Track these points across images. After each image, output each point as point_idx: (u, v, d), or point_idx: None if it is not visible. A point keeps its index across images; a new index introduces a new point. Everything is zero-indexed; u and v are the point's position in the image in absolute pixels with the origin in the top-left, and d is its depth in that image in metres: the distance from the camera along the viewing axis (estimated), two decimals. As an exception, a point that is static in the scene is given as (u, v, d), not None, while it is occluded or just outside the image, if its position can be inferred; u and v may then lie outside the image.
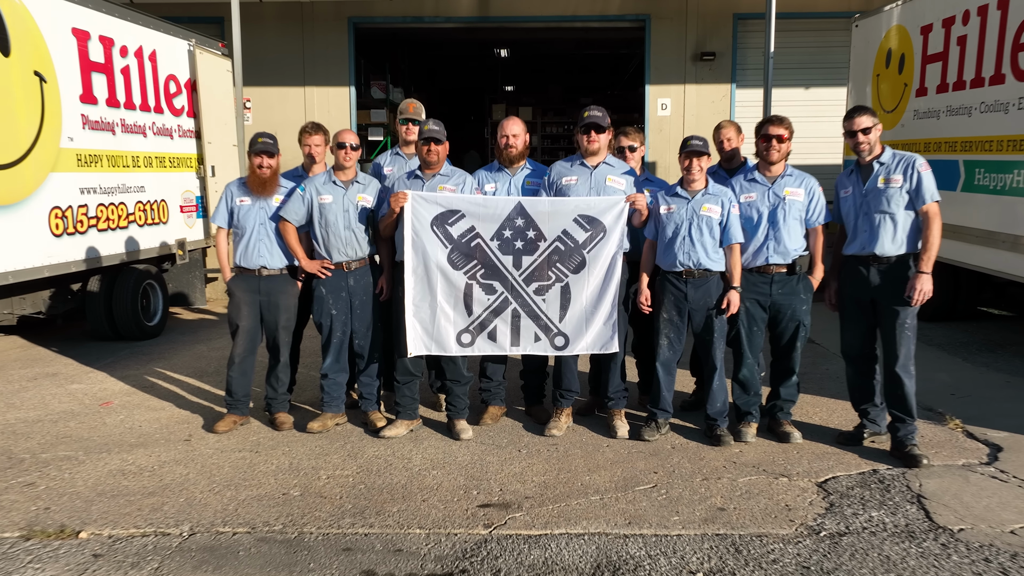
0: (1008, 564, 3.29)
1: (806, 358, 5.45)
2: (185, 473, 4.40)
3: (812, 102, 13.77)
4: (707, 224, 4.60)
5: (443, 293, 4.77)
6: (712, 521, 3.75)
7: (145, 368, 6.85)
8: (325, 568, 3.37)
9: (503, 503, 3.97)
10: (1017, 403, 5.49)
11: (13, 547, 3.57)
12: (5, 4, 6.25)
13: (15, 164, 6.30)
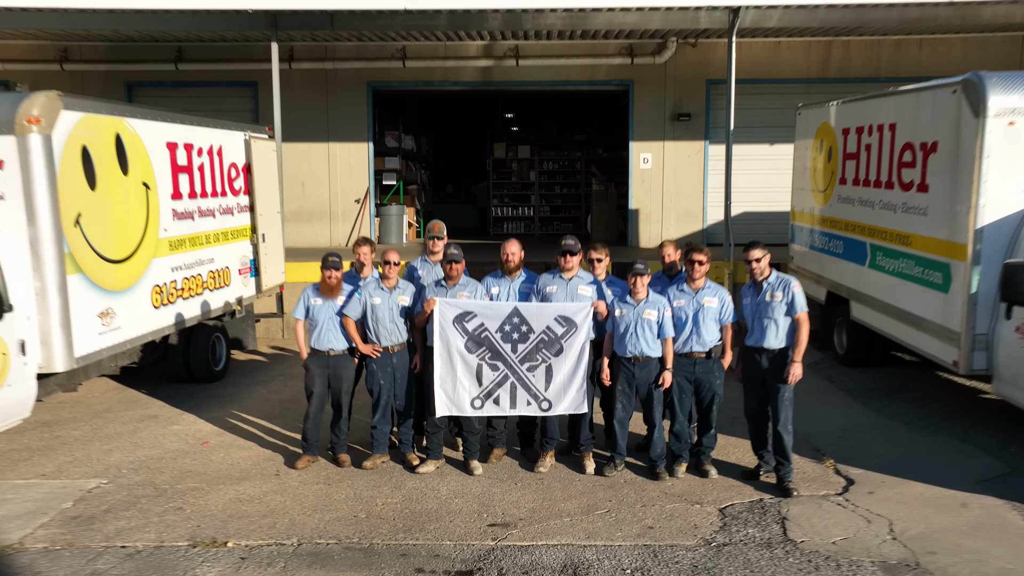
0: (821, 563, 5.21)
1: (732, 413, 7.37)
2: (283, 501, 6.32)
3: (775, 156, 15.70)
4: (648, 325, 6.51)
5: (461, 370, 6.69)
6: (643, 536, 5.67)
7: (224, 411, 8.77)
8: (391, 567, 5.29)
9: (504, 523, 5.90)
10: (884, 444, 7.41)
11: (187, 553, 5.49)
12: (125, 134, 8.18)
13: (129, 258, 8.23)
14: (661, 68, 16.07)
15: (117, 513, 6.09)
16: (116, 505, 6.24)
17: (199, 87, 16.53)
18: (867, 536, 5.58)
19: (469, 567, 5.26)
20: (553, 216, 22.96)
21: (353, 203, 16.77)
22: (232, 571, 5.23)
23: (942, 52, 15.63)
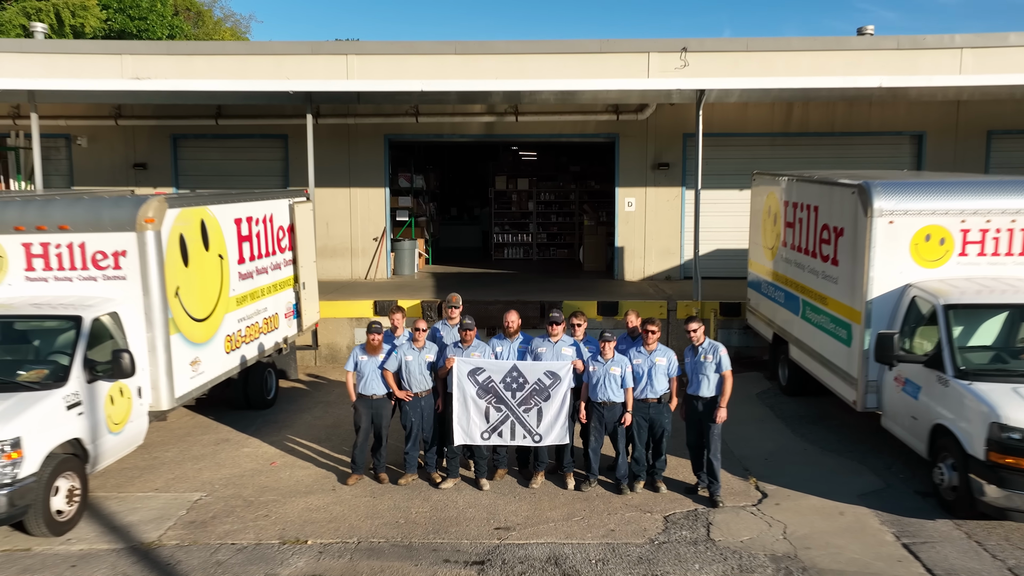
0: (729, 555, 7.41)
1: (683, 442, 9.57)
2: (341, 510, 8.52)
3: (745, 200, 17.77)
4: (613, 378, 8.70)
5: (473, 411, 8.88)
6: (607, 536, 7.86)
7: (280, 435, 10.97)
8: (425, 559, 7.47)
9: (506, 527, 8.09)
10: (798, 465, 9.61)
11: (279, 548, 7.68)
12: (206, 218, 10.37)
13: (209, 316, 10.42)
14: (643, 123, 18.28)
15: (221, 519, 8.29)
16: (219, 513, 8.44)
17: (236, 139, 18.77)
18: (766, 536, 7.78)
19: (481, 559, 7.46)
20: (550, 243, 25.21)
21: (371, 240, 18.98)
22: (314, 561, 7.42)
23: (889, 111, 17.82)
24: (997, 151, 18.23)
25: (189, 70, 18.12)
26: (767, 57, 17.97)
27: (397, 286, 17.85)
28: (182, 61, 18.28)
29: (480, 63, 17.94)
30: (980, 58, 17.82)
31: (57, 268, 9.19)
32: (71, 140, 18.70)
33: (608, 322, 14.84)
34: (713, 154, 17.77)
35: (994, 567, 7.05)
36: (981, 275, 9.19)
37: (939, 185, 9.54)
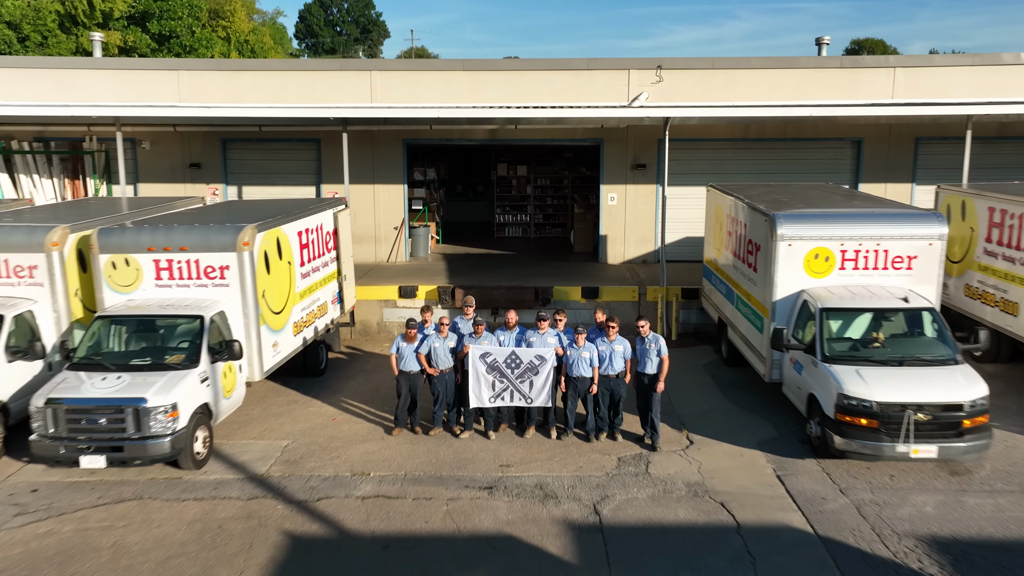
0: (648, 483, 10.91)
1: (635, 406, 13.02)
2: (390, 453, 12.01)
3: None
4: (584, 360, 12.11)
5: (483, 383, 12.31)
6: (577, 471, 11.36)
7: (335, 398, 14.44)
8: (452, 485, 10.96)
9: (507, 464, 11.59)
10: (721, 421, 13.08)
11: (351, 479, 11.18)
12: (280, 235, 13.68)
13: (283, 310, 13.81)
14: (624, 131, 21.45)
15: (306, 459, 11.79)
16: (303, 455, 11.94)
17: (276, 142, 21.96)
18: (686, 471, 11.28)
19: (490, 485, 10.96)
20: (545, 222, 28.54)
21: (392, 229, 22.30)
22: (377, 487, 10.92)
23: (831, 122, 20.94)
24: (924, 155, 21.43)
25: (236, 84, 21.27)
26: (731, 74, 21.12)
27: (415, 269, 21.23)
28: (230, 77, 21.42)
29: (485, 78, 21.09)
30: (910, 76, 20.95)
31: (179, 278, 12.55)
32: (136, 144, 21.89)
33: (590, 304, 18.25)
34: (683, 156, 20.99)
35: (831, 489, 10.55)
36: (854, 283, 12.55)
37: (825, 216, 12.84)
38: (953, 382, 10.83)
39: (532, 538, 9.48)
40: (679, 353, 16.76)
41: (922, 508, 9.99)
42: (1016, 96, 20.56)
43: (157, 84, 21.39)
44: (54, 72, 21.47)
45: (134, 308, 12.21)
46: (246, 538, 9.52)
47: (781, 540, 9.38)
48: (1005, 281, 14.63)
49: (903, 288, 12.33)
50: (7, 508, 10.27)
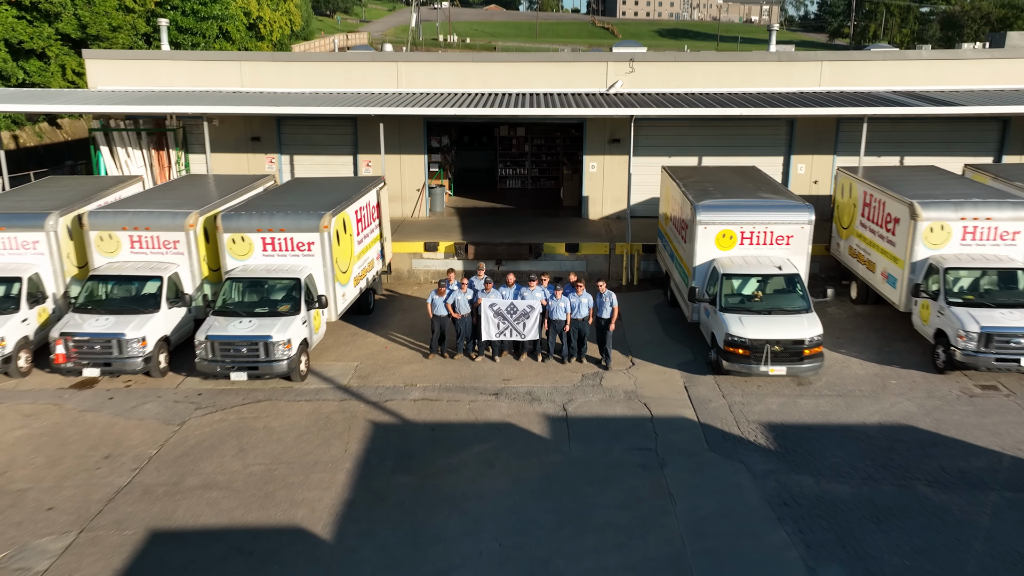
0: (606, 390, 16.64)
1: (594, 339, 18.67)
2: (428, 371, 17.73)
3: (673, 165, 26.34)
4: (560, 308, 17.69)
5: (491, 323, 17.93)
6: (555, 383, 17.07)
7: (384, 331, 20.12)
8: (472, 391, 16.70)
9: (507, 379, 17.32)
10: (657, 349, 18.74)
11: (405, 387, 16.91)
12: (345, 216, 19.09)
13: (347, 270, 19.35)
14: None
15: (372, 375, 17.53)
16: (370, 372, 17.67)
17: (321, 120, 27.01)
18: (626, 383, 17.00)
19: (496, 392, 16.69)
20: (540, 175, 33.79)
21: (415, 190, 27.61)
22: (422, 393, 16.67)
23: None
24: (844, 131, 26.45)
25: (287, 74, 26.25)
26: (689, 66, 26.09)
27: (434, 225, 26.64)
28: (282, 67, 26.39)
29: (490, 68, 26.05)
30: (835, 68, 25.89)
31: (279, 250, 18.01)
32: (208, 120, 26.96)
33: (572, 256, 23.74)
34: (650, 132, 26.10)
35: (717, 394, 16.28)
36: (753, 255, 18.00)
37: (731, 207, 18.16)
38: (800, 325, 16.43)
39: (523, 424, 15.25)
40: (637, 296, 22.42)
41: (769, 406, 15.74)
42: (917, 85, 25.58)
43: (223, 72, 26.37)
44: (141, 63, 26.42)
45: (251, 272, 17.74)
46: (344, 424, 15.29)
47: (676, 425, 15.14)
48: (869, 246, 20.11)
49: (782, 258, 17.80)
50: (188, 405, 16.04)
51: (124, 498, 12.84)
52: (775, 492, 12.79)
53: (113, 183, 21.93)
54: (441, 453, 14.19)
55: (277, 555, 11.44)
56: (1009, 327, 15.90)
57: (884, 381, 16.75)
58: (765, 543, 11.57)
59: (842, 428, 14.80)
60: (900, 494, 12.64)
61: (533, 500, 12.69)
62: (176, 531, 12.01)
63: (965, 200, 17.91)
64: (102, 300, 17.55)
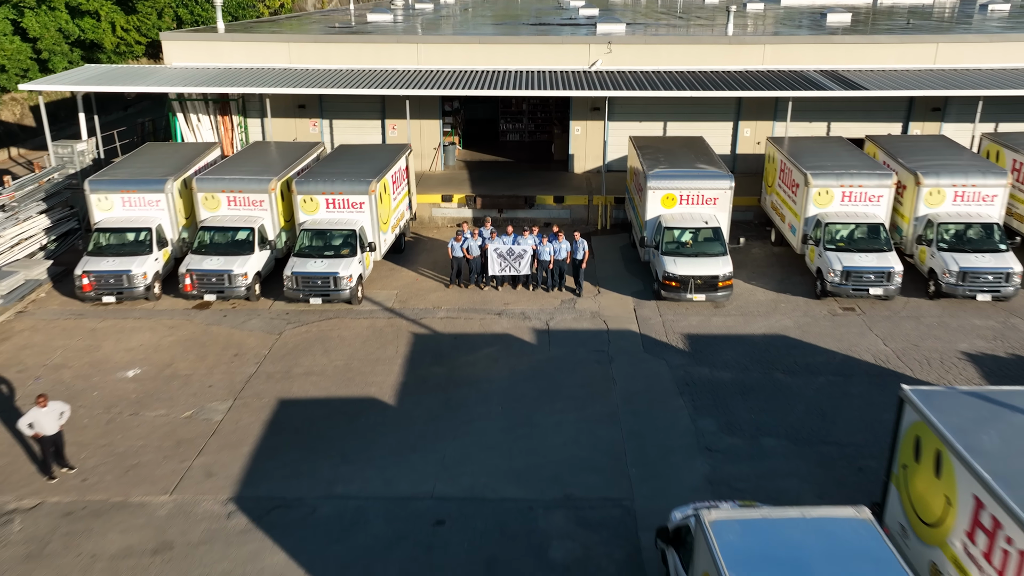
0: (579, 311, 23.28)
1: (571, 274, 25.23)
2: (449, 297, 24.32)
3: (641, 129, 32.46)
4: (547, 251, 24.17)
5: (495, 263, 24.43)
6: (541, 306, 23.67)
7: (414, 267, 26.68)
8: (481, 312, 23.32)
9: (506, 303, 23.91)
10: (618, 280, 25.30)
11: (434, 309, 23.51)
12: (384, 181, 25.41)
13: (387, 220, 25.78)
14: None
15: (409, 300, 24.14)
16: (407, 297, 24.29)
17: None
18: (592, 306, 23.61)
19: (499, 312, 23.30)
20: (536, 130, 39.83)
21: (432, 148, 33.76)
22: (446, 312, 23.29)
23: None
24: (780, 103, 32.37)
25: (326, 52, 32.09)
26: (657, 48, 31.88)
27: (448, 178, 32.87)
28: (322, 47, 32.21)
29: (494, 48, 31.86)
30: (775, 50, 31.71)
31: (338, 208, 24.35)
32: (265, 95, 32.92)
33: (558, 206, 30.07)
34: (624, 103, 32.06)
35: (656, 314, 22.91)
36: (688, 212, 24.34)
37: (673, 174, 24.35)
38: (716, 265, 22.90)
39: (518, 334, 21.90)
40: (608, 238, 28.86)
41: (690, 322, 22.36)
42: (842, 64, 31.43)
43: (274, 51, 32.21)
44: (207, 44, 32.25)
45: (321, 223, 24.13)
46: (393, 334, 21.95)
47: (624, 335, 21.80)
48: (782, 202, 26.46)
49: (709, 215, 24.15)
50: (281, 321, 22.68)
51: (255, 380, 19.59)
52: (681, 378, 19.52)
53: (201, 149, 28.14)
54: (461, 353, 20.88)
55: (362, 414, 18.22)
56: (862, 266, 22.40)
57: (776, 305, 23.37)
58: (669, 406, 18.34)
59: (737, 337, 21.47)
60: (761, 378, 19.38)
61: (523, 382, 19.43)
62: (294, 400, 18.80)
63: (845, 172, 24.15)
64: (211, 244, 24.00)
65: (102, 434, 17.38)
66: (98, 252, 23.70)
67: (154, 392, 19.08)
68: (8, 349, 21.16)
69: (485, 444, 16.98)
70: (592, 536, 14.28)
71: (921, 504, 11.71)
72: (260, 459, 16.50)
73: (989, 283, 22.34)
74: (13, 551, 13.95)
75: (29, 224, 26.39)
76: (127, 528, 14.51)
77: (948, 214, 23.51)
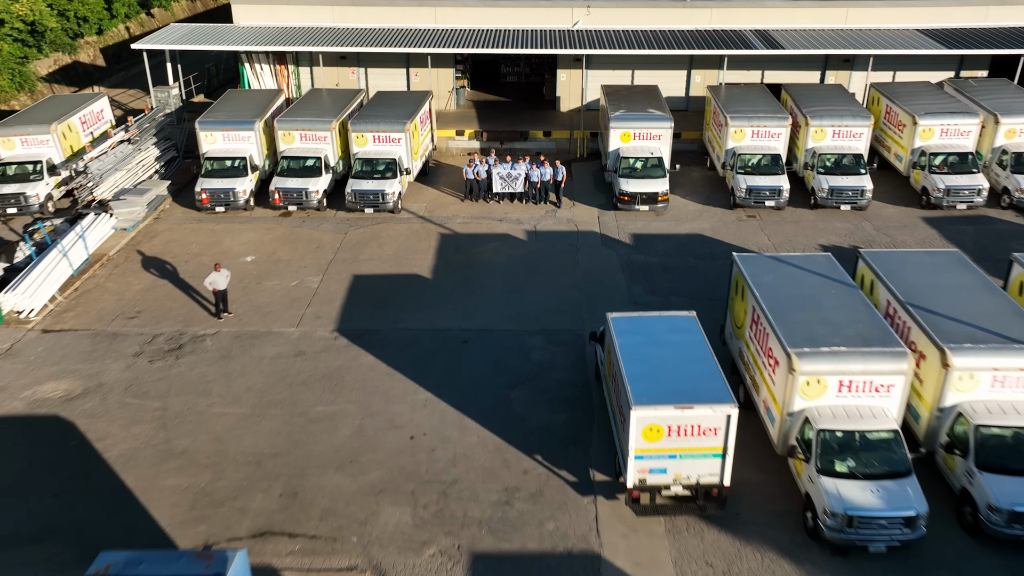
0: (558, 217, 32.27)
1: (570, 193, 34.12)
2: (464, 209, 33.26)
3: (616, 79, 40.82)
4: (536, 174, 32.98)
5: (498, 182, 33.27)
6: (531, 215, 32.62)
7: (437, 186, 35.55)
8: (488, 219, 32.29)
9: (507, 212, 32.87)
10: (588, 196, 34.18)
11: (454, 216, 32.55)
12: (413, 123, 34.05)
13: (417, 151, 34.53)
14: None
15: (435, 210, 33.11)
16: (434, 208, 33.26)
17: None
18: (568, 215, 32.60)
19: (501, 218, 32.24)
20: (531, 72, 48.16)
21: (446, 91, 42.24)
22: (463, 219, 32.26)
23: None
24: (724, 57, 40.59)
25: (363, 13, 40.29)
26: (628, 11, 40.06)
27: (460, 116, 41.43)
28: (359, 10, 40.39)
29: (498, 11, 40.04)
30: (721, 12, 39.86)
31: (381, 143, 33.07)
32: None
33: (546, 139, 38.76)
34: (600, 57, 40.33)
35: (614, 220, 31.88)
36: (639, 146, 33.06)
37: (628, 117, 32.94)
38: (657, 184, 31.76)
39: (514, 234, 30.93)
40: (584, 164, 37.62)
41: (636, 225, 31.34)
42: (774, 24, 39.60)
43: (320, 13, 40.38)
44: (267, 7, 40.39)
45: (370, 154, 32.90)
46: (425, 233, 30.99)
47: (588, 234, 30.80)
48: (714, 138, 35.15)
49: (655, 148, 32.88)
50: (345, 224, 31.70)
51: (334, 263, 28.73)
52: (625, 262, 28.63)
53: (272, 96, 36.67)
54: (474, 246, 29.93)
55: (409, 284, 27.39)
56: (761, 185, 31.28)
57: (700, 213, 32.33)
58: (613, 279, 27.47)
59: (667, 235, 30.50)
60: (679, 261, 28.49)
61: (517, 265, 28.54)
62: (363, 275, 27.95)
63: (755, 115, 32.76)
64: (290, 169, 32.78)
65: (241, 295, 26.61)
66: (208, 175, 32.55)
67: (267, 270, 28.27)
68: (159, 243, 30.30)
69: (491, 301, 26.23)
70: (557, 349, 23.61)
71: (735, 316, 20.99)
72: (348, 309, 25.78)
73: (849, 197, 31.26)
74: (211, 355, 23.33)
75: (147, 154, 35.18)
76: (275, 344, 23.88)
77: (827, 147, 32.27)
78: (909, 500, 15.92)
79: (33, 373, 22.55)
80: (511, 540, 16.86)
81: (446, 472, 18.77)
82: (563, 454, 19.28)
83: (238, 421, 20.56)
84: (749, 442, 18.86)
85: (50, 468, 19.00)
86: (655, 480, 16.91)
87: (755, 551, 16.53)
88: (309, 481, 18.53)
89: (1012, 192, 31.07)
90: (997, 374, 17.00)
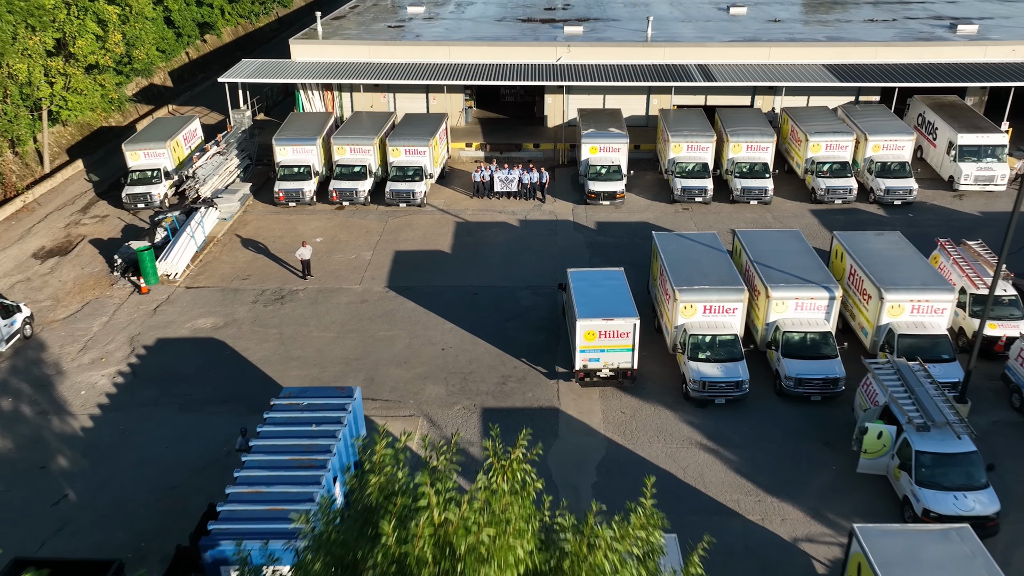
0: (543, 209, 43.44)
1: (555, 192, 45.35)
2: (473, 204, 44.42)
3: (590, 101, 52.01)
4: (526, 178, 44.15)
5: (498, 183, 44.42)
6: (522, 208, 43.84)
7: (451, 187, 46.73)
8: (492, 211, 43.47)
9: (504, 207, 44.08)
10: (566, 195, 45.35)
11: (466, 208, 43.72)
12: (435, 138, 45.25)
13: (436, 160, 45.73)
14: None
15: (451, 205, 44.26)
16: (450, 203, 44.43)
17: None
18: (549, 208, 43.69)
19: (501, 211, 43.51)
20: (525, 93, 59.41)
21: (457, 111, 53.49)
22: (473, 210, 43.43)
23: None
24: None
25: (392, 51, 51.51)
26: (598, 49, 51.26)
27: (468, 131, 52.65)
28: (389, 47, 51.62)
29: (495, 49, 51.24)
30: (674, 50, 51.07)
31: (411, 154, 44.22)
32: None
33: (535, 150, 49.99)
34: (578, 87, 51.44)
35: (584, 213, 42.97)
36: (604, 156, 44.17)
37: (597, 135, 44.07)
38: (617, 185, 42.92)
39: (510, 222, 42.07)
40: (565, 170, 48.78)
41: (600, 216, 42.50)
42: (717, 60, 50.73)
43: (358, 51, 51.58)
44: (319, 46, 51.62)
45: (403, 163, 44.08)
46: (446, 222, 42.13)
47: (564, 222, 41.93)
48: (663, 149, 46.29)
49: (615, 158, 44.01)
50: (386, 215, 42.88)
51: (380, 243, 39.92)
52: (589, 242, 39.78)
53: (326, 118, 47.83)
54: (480, 231, 41.08)
55: (435, 257, 38.57)
56: (692, 185, 42.45)
57: (648, 207, 43.51)
58: (580, 254, 38.62)
59: (623, 223, 41.65)
60: (628, 241, 39.63)
61: (512, 244, 39.69)
62: (402, 251, 39.14)
63: (690, 134, 43.89)
64: (342, 175, 43.91)
65: (317, 264, 37.78)
66: (283, 179, 43.75)
67: (332, 248, 39.48)
68: (251, 229, 41.54)
69: (493, 267, 37.45)
70: (538, 298, 34.81)
71: (653, 272, 32.27)
72: (393, 273, 36.99)
73: (757, 195, 42.45)
74: (304, 302, 34.58)
75: (232, 162, 46.40)
76: (346, 296, 35.10)
77: (742, 158, 43.45)
78: (739, 373, 27.19)
79: (188, 313, 33.83)
80: (506, 402, 28.11)
81: (465, 368, 30.02)
82: (539, 358, 30.53)
83: (330, 340, 31.83)
84: (656, 349, 30.13)
85: (216, 366, 30.26)
86: (592, 366, 28.12)
87: (651, 406, 27.79)
88: (380, 372, 29.79)
89: (876, 191, 42.27)
90: (799, 302, 28.24)
